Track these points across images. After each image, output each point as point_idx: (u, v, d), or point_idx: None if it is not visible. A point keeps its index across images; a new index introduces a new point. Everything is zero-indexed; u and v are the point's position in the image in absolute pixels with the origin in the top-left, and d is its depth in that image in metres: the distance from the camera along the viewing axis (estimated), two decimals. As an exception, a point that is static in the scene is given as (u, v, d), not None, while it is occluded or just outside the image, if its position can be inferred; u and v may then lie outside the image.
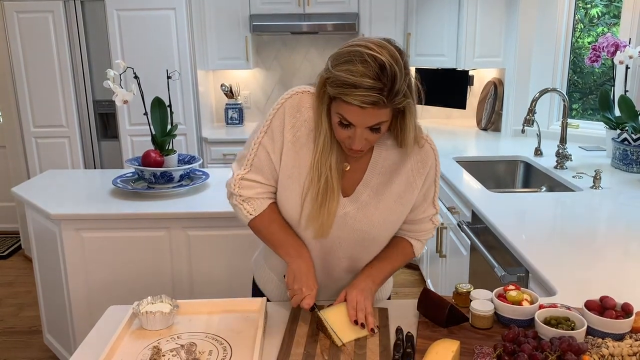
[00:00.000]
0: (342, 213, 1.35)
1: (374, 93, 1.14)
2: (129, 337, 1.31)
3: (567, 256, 1.75)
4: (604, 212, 2.21)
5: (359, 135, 1.23)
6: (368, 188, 1.36)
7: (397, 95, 1.16)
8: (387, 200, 1.36)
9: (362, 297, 1.34)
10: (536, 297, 1.32)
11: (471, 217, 2.38)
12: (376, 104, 1.16)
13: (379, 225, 1.38)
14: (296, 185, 1.33)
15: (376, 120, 1.20)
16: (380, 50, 1.15)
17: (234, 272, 2.38)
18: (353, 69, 1.15)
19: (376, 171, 1.36)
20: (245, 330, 1.33)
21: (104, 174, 2.96)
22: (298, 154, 1.33)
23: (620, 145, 2.76)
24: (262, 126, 1.36)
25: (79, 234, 2.34)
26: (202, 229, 2.35)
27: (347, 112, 1.20)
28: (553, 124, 3.58)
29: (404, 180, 1.36)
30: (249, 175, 1.36)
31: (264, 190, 1.38)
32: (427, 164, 1.38)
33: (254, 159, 1.35)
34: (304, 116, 1.32)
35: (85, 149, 3.95)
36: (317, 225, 1.33)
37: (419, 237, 1.49)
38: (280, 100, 1.35)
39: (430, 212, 1.46)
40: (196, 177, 2.67)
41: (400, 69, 1.15)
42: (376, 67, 1.14)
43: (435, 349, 1.15)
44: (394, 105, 1.19)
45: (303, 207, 1.33)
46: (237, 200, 1.38)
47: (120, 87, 2.45)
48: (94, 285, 2.39)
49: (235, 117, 4.32)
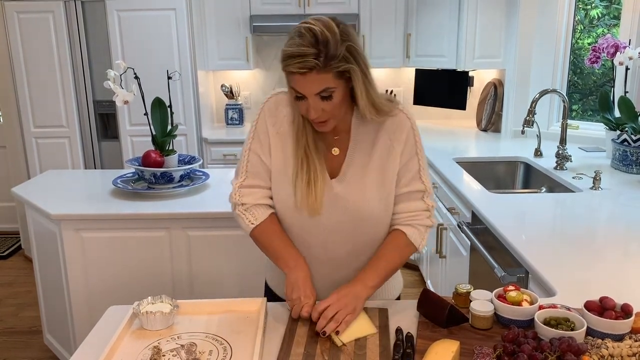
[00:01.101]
0: (333, 194, 1.40)
1: (310, 58, 1.23)
2: (129, 337, 1.32)
3: (567, 257, 1.75)
4: (604, 212, 2.21)
5: (312, 104, 1.30)
6: (352, 166, 1.41)
7: (334, 59, 1.24)
8: (371, 174, 1.41)
9: (341, 303, 1.31)
10: (536, 297, 1.32)
11: (471, 217, 2.38)
12: (314, 69, 1.24)
13: (369, 200, 1.40)
14: (287, 172, 1.40)
15: (321, 86, 1.27)
16: (314, 22, 1.26)
17: (234, 272, 2.38)
18: (292, 42, 1.26)
19: (357, 148, 1.42)
20: (246, 330, 1.33)
21: (104, 174, 2.96)
22: (284, 146, 1.41)
23: (620, 146, 2.76)
24: (249, 134, 1.46)
25: (79, 234, 2.34)
26: (202, 229, 2.35)
27: (294, 82, 1.29)
28: (553, 125, 3.59)
29: (384, 150, 1.41)
30: (247, 182, 1.44)
31: (263, 195, 1.44)
32: (403, 130, 1.42)
33: (248, 165, 1.44)
34: (282, 112, 1.42)
35: (86, 149, 3.96)
36: (309, 204, 1.37)
37: (410, 221, 1.44)
38: (260, 106, 1.46)
39: (417, 186, 1.43)
40: (196, 177, 2.68)
41: (334, 35, 1.24)
42: (310, 36, 1.24)
43: (435, 349, 1.15)
44: (333, 69, 1.25)
45: (295, 190, 1.38)
46: (239, 210, 1.45)
47: (121, 88, 2.45)
48: (94, 285, 2.40)
49: (236, 118, 4.32)
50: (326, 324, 1.28)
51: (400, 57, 4.06)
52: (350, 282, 1.39)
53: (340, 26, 1.27)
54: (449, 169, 2.90)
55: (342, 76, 1.28)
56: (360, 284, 1.38)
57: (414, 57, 4.01)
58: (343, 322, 1.29)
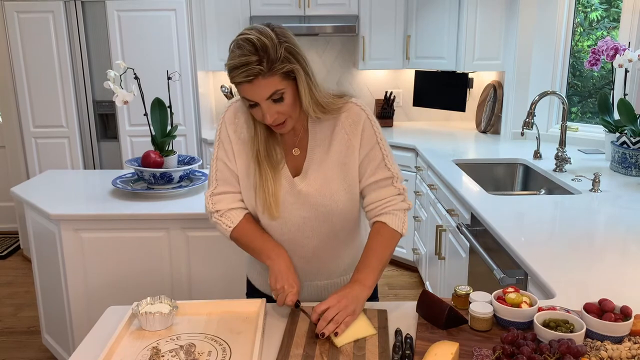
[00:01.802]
0: (296, 192, 1.43)
1: (253, 66, 1.27)
2: (128, 338, 1.31)
3: (566, 259, 1.76)
4: (603, 215, 2.21)
5: (266, 109, 1.33)
6: (312, 162, 1.44)
7: (276, 61, 1.28)
8: (331, 168, 1.44)
9: (341, 304, 1.31)
10: (535, 299, 1.32)
11: (470, 219, 2.38)
12: (259, 74, 1.27)
13: (332, 194, 1.44)
14: (250, 177, 1.45)
15: (270, 90, 1.30)
16: (249, 31, 1.30)
17: (233, 273, 2.38)
18: (232, 55, 1.30)
19: (316, 145, 1.45)
20: (245, 331, 1.33)
21: (103, 174, 2.96)
22: (246, 152, 1.46)
23: (619, 149, 2.76)
24: (215, 143, 1.50)
25: (78, 234, 2.34)
26: (201, 229, 2.35)
27: (243, 92, 1.32)
28: (552, 127, 3.59)
29: (342, 144, 1.44)
30: (217, 190, 1.49)
31: (235, 199, 1.48)
32: (359, 123, 1.44)
33: (217, 174, 1.49)
34: (241, 119, 1.46)
35: (85, 149, 3.96)
36: (266, 208, 1.42)
37: (386, 208, 1.46)
38: (221, 116, 1.50)
39: (383, 174, 1.45)
40: (196, 178, 2.68)
41: (271, 40, 1.28)
42: (249, 45, 1.27)
43: (434, 350, 1.15)
44: (278, 71, 1.28)
45: (256, 196, 1.43)
46: (215, 218, 1.50)
47: (121, 88, 2.45)
48: (93, 285, 2.39)
49: (235, 119, 4.32)
50: (325, 325, 1.28)
51: (400, 59, 4.06)
52: (349, 284, 1.40)
53: (275, 30, 1.31)
54: (448, 170, 2.90)
55: (289, 77, 1.32)
56: (358, 285, 1.38)
57: (414, 58, 4.01)
58: (343, 324, 1.29)
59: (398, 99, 4.35)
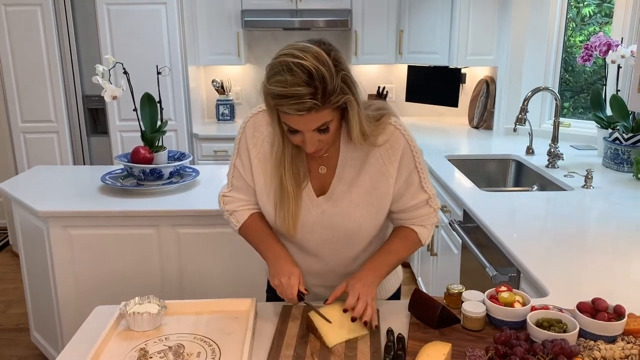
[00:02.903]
0: (319, 212, 1.38)
1: (307, 99, 1.15)
2: (116, 339, 1.29)
3: (558, 256, 1.75)
4: (596, 211, 2.21)
5: (309, 139, 1.25)
6: (340, 183, 1.37)
7: (332, 95, 1.18)
8: (360, 192, 1.37)
9: (365, 288, 1.31)
10: (528, 298, 1.31)
11: (463, 216, 2.37)
12: (312, 109, 1.17)
13: (357, 218, 1.38)
14: (269, 196, 1.39)
15: (319, 123, 1.22)
16: (304, 55, 1.16)
17: (225, 271, 2.36)
18: (282, 79, 1.16)
19: (346, 165, 1.37)
20: (235, 332, 1.31)
21: (92, 170, 2.92)
22: (265, 169, 1.39)
23: (611, 145, 2.76)
24: (234, 150, 1.45)
25: (66, 231, 2.31)
26: (191, 226, 2.32)
27: (289, 121, 1.23)
28: (545, 123, 3.59)
29: (375, 169, 1.37)
30: (230, 194, 1.48)
31: (243, 204, 1.47)
32: (397, 149, 1.36)
33: (233, 180, 1.47)
34: (263, 134, 1.38)
35: (75, 144, 3.91)
36: (284, 226, 1.38)
37: (420, 222, 1.45)
38: (242, 125, 1.43)
39: (422, 197, 1.42)
40: (186, 174, 2.65)
41: (329, 69, 1.16)
42: (303, 74, 1.15)
43: (426, 351, 1.14)
44: (332, 105, 1.20)
45: (276, 214, 1.38)
46: (226, 215, 1.50)
47: (110, 83, 2.41)
48: (82, 283, 2.36)
49: (227, 113, 4.29)
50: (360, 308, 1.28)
51: (393, 54, 4.04)
52: (363, 271, 1.37)
53: (331, 54, 1.19)
54: (441, 166, 2.89)
55: (339, 107, 1.23)
56: (373, 274, 1.37)
57: (407, 53, 3.99)
58: (371, 309, 1.29)
59: (390, 94, 4.32)
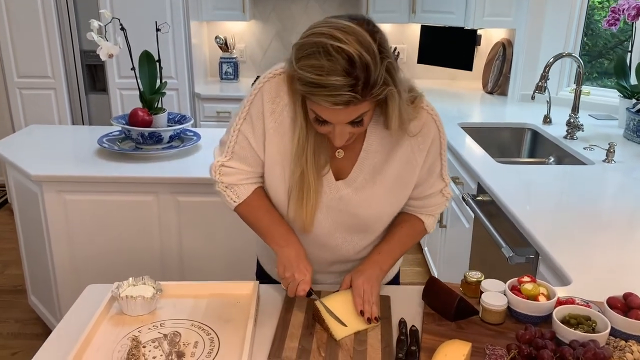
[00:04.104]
0: (337, 197, 1.25)
1: (346, 91, 1.00)
2: (107, 324, 1.20)
3: (581, 239, 1.64)
4: (619, 189, 2.08)
5: (339, 132, 1.11)
6: (364, 170, 1.24)
7: (374, 87, 1.02)
8: (385, 182, 1.24)
9: (368, 285, 1.23)
10: (554, 291, 1.20)
11: (477, 189, 2.26)
12: (350, 103, 1.02)
13: (377, 208, 1.27)
14: (282, 174, 1.23)
15: (354, 116, 1.07)
16: (346, 37, 0.99)
17: (226, 241, 2.26)
18: (318, 65, 0.99)
19: (371, 151, 1.23)
20: (235, 319, 1.22)
21: (91, 130, 2.81)
22: (282, 140, 1.21)
23: (635, 116, 2.61)
24: (240, 112, 1.24)
25: (61, 196, 2.21)
26: (192, 194, 2.21)
27: (319, 111, 1.08)
28: (562, 90, 3.42)
29: (403, 158, 1.24)
30: (229, 163, 1.26)
31: (246, 177, 1.28)
32: (428, 137, 1.24)
33: (235, 147, 1.25)
34: (284, 100, 1.19)
35: (73, 102, 3.77)
36: (298, 218, 1.23)
37: (430, 211, 1.36)
38: (258, 84, 1.22)
39: (439, 186, 1.33)
40: (187, 138, 2.52)
41: (374, 56, 1.00)
42: (344, 61, 0.98)
43: (444, 350, 1.04)
44: (373, 99, 1.05)
45: (290, 198, 1.23)
46: (219, 187, 1.29)
47: (105, 40, 2.27)
48: (78, 249, 2.28)
49: (230, 72, 4.13)
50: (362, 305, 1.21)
51: (406, 12, 3.83)
52: (367, 264, 1.29)
53: (376, 37, 1.02)
54: (454, 135, 2.75)
55: (379, 100, 1.08)
56: (377, 267, 1.28)
57: (420, 12, 3.79)
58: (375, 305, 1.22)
59: (402, 55, 4.14)
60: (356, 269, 1.29)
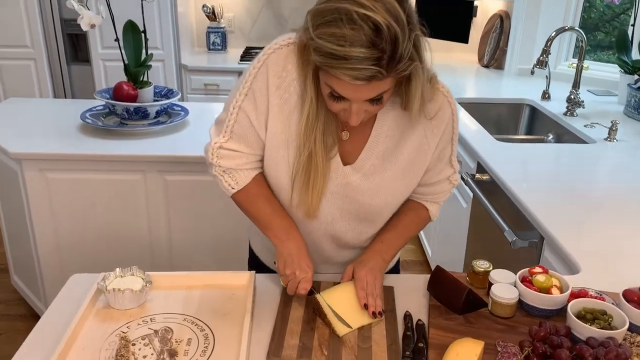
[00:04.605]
0: (344, 182, 1.16)
1: (370, 65, 0.90)
2: (94, 319, 1.12)
3: (589, 222, 1.58)
4: (624, 170, 2.01)
5: (356, 110, 1.01)
6: (373, 155, 1.15)
7: (400, 61, 0.92)
8: (395, 168, 1.16)
9: (371, 277, 1.16)
10: (567, 283, 1.14)
11: (476, 168, 2.19)
12: (373, 78, 0.92)
13: (385, 197, 1.19)
14: (286, 155, 1.13)
15: (375, 93, 0.98)
16: (373, 4, 0.89)
17: (216, 221, 2.18)
18: (339, 34, 0.89)
19: (382, 135, 1.14)
20: (231, 313, 1.14)
21: (74, 104, 2.68)
22: (288, 119, 1.11)
23: (636, 93, 2.54)
24: (241, 87, 1.12)
25: (43, 174, 2.10)
26: (181, 173, 2.12)
27: (337, 86, 0.97)
28: (561, 64, 3.34)
29: (416, 143, 1.15)
30: (228, 144, 1.16)
31: (247, 160, 1.18)
32: (443, 120, 1.16)
33: (234, 126, 1.14)
34: (292, 74, 1.08)
35: (54, 73, 3.62)
36: (305, 207, 1.15)
37: (435, 199, 1.30)
38: (262, 55, 1.10)
39: (448, 172, 1.25)
40: (174, 113, 2.41)
41: (403, 27, 0.90)
42: (370, 31, 0.88)
43: (455, 349, 0.98)
44: (397, 75, 0.96)
45: (294, 182, 1.14)
46: (216, 171, 1.19)
47: (87, 9, 2.14)
48: (62, 229, 2.18)
49: (218, 42, 3.98)
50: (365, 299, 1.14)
51: (400, -18, 3.70)
52: (369, 254, 1.22)
53: (405, 6, 0.92)
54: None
55: (403, 76, 0.98)
56: (379, 257, 1.21)
57: (415, -18, 3.66)
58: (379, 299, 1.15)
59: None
60: (358, 259, 1.22)
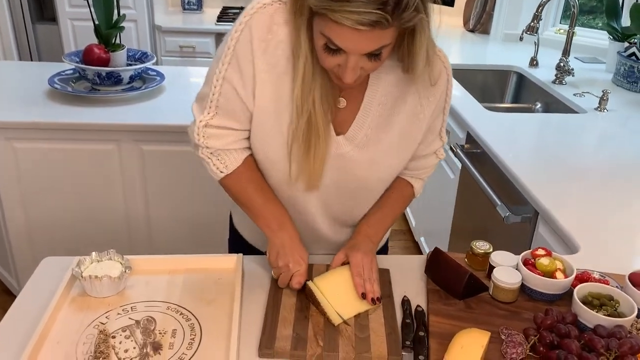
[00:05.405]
0: (337, 154, 1.08)
1: (374, 9, 0.81)
2: (69, 308, 1.03)
3: (586, 197, 1.54)
4: (621, 141, 1.95)
5: (352, 64, 0.91)
6: (365, 124, 1.07)
7: (406, 9, 0.84)
8: (389, 138, 1.09)
9: (367, 260, 1.10)
10: (571, 267, 1.09)
11: (465, 139, 2.12)
12: (377, 24, 0.83)
13: (381, 168, 1.12)
14: (277, 125, 1.03)
15: (376, 46, 0.89)
16: None
17: (196, 194, 2.09)
18: None
19: (375, 102, 1.06)
20: (217, 300, 1.07)
21: (40, 67, 2.53)
22: (276, 86, 1.01)
23: (626, 61, 2.49)
24: (222, 55, 1.01)
25: (10, 144, 1.97)
26: (158, 142, 2.01)
27: (335, 35, 0.87)
28: (548, 30, 3.26)
29: (410, 110, 1.08)
30: (215, 121, 1.05)
31: (236, 138, 1.07)
32: (438, 88, 1.08)
33: (219, 99, 1.03)
34: (278, 36, 0.98)
35: (18, 33, 3.42)
36: (306, 176, 1.05)
37: (420, 175, 1.24)
38: (243, 17, 0.99)
39: (436, 145, 1.19)
40: (149, 78, 2.28)
41: None
42: None
43: (459, 341, 0.92)
44: (402, 25, 0.87)
45: (291, 154, 1.04)
46: (203, 154, 1.09)
47: (52, -36, 1.97)
48: (32, 203, 2.07)
49: (193, 2, 3.80)
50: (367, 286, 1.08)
51: (384, -59, 3.55)
52: (358, 237, 1.16)
53: None
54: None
55: (406, 28, 0.90)
56: (369, 241, 1.16)
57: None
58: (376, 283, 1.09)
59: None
60: (348, 244, 1.15)
